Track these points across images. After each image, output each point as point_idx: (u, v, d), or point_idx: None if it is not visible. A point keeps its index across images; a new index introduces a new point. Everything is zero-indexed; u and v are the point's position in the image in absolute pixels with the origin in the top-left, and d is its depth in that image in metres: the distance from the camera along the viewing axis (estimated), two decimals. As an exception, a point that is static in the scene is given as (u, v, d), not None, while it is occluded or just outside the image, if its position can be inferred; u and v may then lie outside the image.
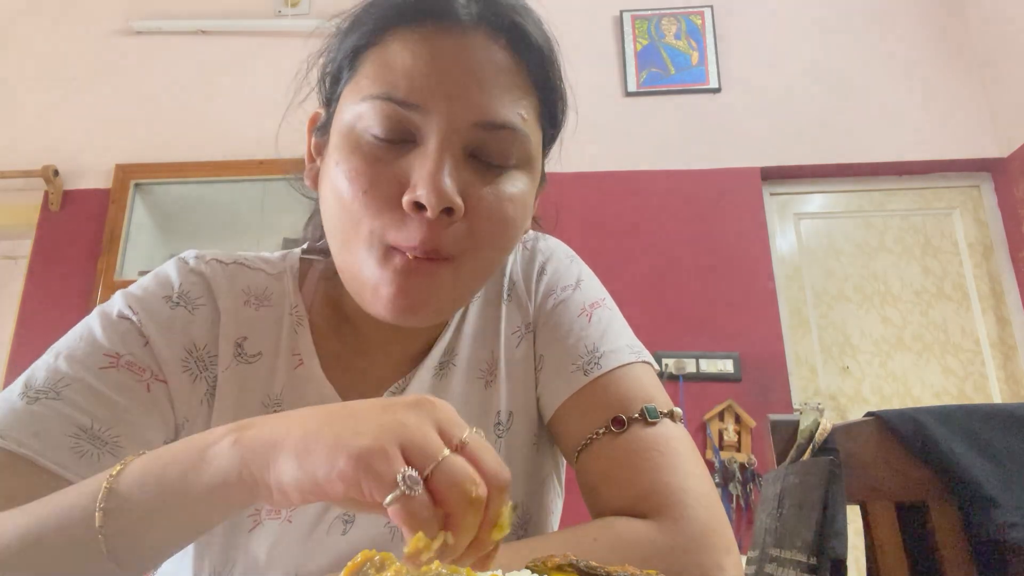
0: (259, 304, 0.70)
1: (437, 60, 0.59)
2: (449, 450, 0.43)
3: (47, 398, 0.59)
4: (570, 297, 0.74)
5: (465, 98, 0.59)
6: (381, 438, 0.42)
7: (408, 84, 0.58)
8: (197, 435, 0.49)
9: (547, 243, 0.79)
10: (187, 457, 0.48)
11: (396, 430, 0.43)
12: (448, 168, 0.58)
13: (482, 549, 0.44)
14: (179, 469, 0.47)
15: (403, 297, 0.59)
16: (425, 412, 0.45)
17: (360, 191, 0.59)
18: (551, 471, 0.76)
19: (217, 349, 0.67)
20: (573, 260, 0.79)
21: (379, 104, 0.59)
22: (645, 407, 0.65)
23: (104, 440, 0.59)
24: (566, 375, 0.70)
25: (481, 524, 0.43)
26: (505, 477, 0.44)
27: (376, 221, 0.59)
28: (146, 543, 0.49)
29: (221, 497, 0.46)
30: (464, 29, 0.60)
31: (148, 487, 0.48)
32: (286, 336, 0.69)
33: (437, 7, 0.60)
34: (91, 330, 0.63)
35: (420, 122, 0.59)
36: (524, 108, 0.62)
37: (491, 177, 0.61)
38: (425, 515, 0.41)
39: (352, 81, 0.62)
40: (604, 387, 0.68)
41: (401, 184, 0.58)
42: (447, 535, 0.42)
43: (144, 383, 0.63)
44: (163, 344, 0.64)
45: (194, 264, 0.69)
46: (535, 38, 0.63)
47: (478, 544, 0.44)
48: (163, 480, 0.47)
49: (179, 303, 0.67)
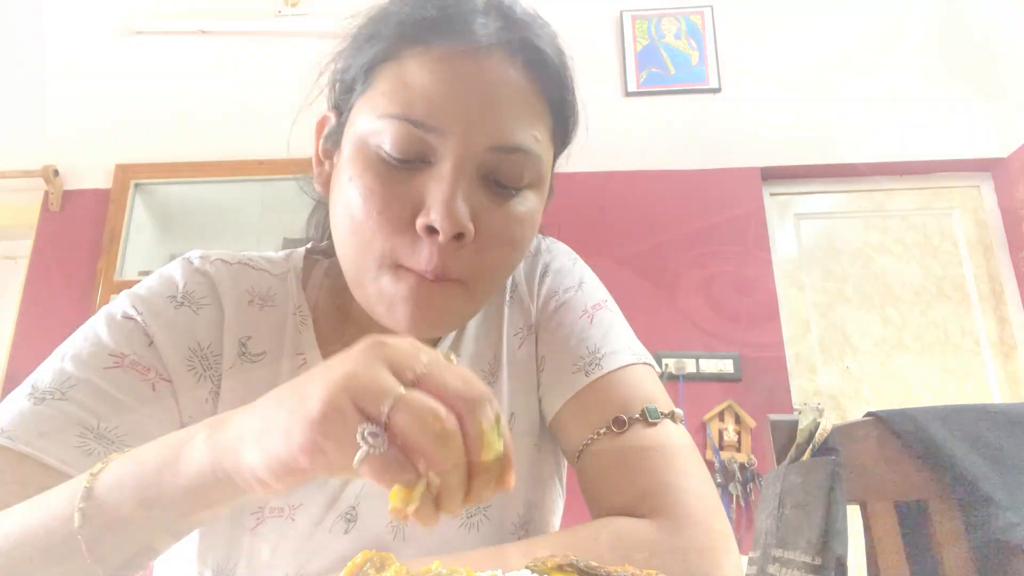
0: (263, 304, 0.70)
1: (455, 82, 0.59)
2: (404, 388, 0.41)
3: (53, 398, 0.59)
4: (572, 299, 0.74)
5: (482, 122, 0.59)
6: (330, 398, 0.40)
7: (425, 106, 0.58)
8: (173, 434, 0.49)
9: (549, 245, 0.79)
10: (163, 456, 0.48)
11: (344, 383, 0.41)
12: (462, 192, 0.58)
13: (485, 476, 0.42)
14: (155, 468, 0.47)
15: (419, 313, 0.60)
16: (373, 354, 0.42)
17: (374, 211, 0.59)
18: (552, 471, 0.76)
19: (221, 348, 0.67)
20: (576, 263, 0.79)
21: (395, 124, 0.59)
22: (646, 408, 0.66)
23: (110, 439, 0.59)
24: (567, 376, 0.70)
25: (468, 451, 0.41)
26: (476, 394, 0.42)
27: (388, 243, 0.59)
28: (127, 544, 0.48)
29: (200, 496, 0.46)
30: (482, 50, 0.60)
31: (126, 488, 0.48)
32: (290, 336, 0.70)
33: (456, 27, 0.60)
34: (96, 331, 0.64)
35: (435, 144, 0.59)
36: (539, 129, 0.62)
37: (503, 199, 0.61)
38: (395, 467, 0.40)
39: (366, 94, 0.62)
40: (605, 388, 0.68)
41: (414, 206, 0.59)
42: (429, 477, 0.40)
43: (149, 383, 0.63)
44: (167, 343, 0.64)
45: (199, 264, 0.70)
46: (551, 58, 0.63)
47: (476, 473, 0.41)
48: (141, 480, 0.47)
49: (183, 303, 0.67)
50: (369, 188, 0.59)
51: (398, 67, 0.60)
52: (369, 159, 0.60)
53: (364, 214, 0.59)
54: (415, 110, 0.58)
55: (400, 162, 0.59)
